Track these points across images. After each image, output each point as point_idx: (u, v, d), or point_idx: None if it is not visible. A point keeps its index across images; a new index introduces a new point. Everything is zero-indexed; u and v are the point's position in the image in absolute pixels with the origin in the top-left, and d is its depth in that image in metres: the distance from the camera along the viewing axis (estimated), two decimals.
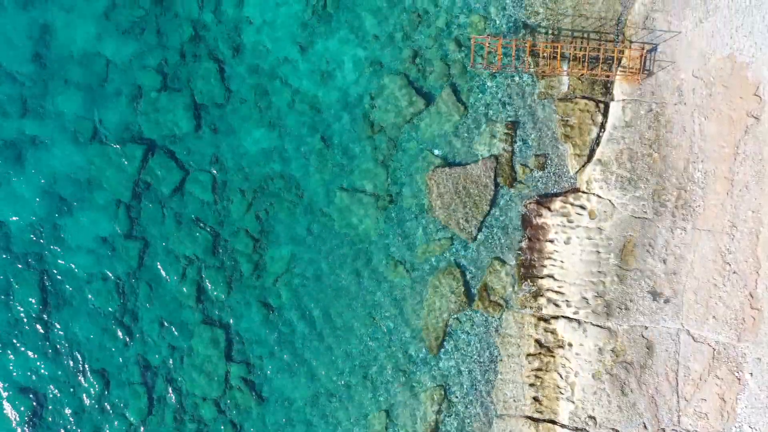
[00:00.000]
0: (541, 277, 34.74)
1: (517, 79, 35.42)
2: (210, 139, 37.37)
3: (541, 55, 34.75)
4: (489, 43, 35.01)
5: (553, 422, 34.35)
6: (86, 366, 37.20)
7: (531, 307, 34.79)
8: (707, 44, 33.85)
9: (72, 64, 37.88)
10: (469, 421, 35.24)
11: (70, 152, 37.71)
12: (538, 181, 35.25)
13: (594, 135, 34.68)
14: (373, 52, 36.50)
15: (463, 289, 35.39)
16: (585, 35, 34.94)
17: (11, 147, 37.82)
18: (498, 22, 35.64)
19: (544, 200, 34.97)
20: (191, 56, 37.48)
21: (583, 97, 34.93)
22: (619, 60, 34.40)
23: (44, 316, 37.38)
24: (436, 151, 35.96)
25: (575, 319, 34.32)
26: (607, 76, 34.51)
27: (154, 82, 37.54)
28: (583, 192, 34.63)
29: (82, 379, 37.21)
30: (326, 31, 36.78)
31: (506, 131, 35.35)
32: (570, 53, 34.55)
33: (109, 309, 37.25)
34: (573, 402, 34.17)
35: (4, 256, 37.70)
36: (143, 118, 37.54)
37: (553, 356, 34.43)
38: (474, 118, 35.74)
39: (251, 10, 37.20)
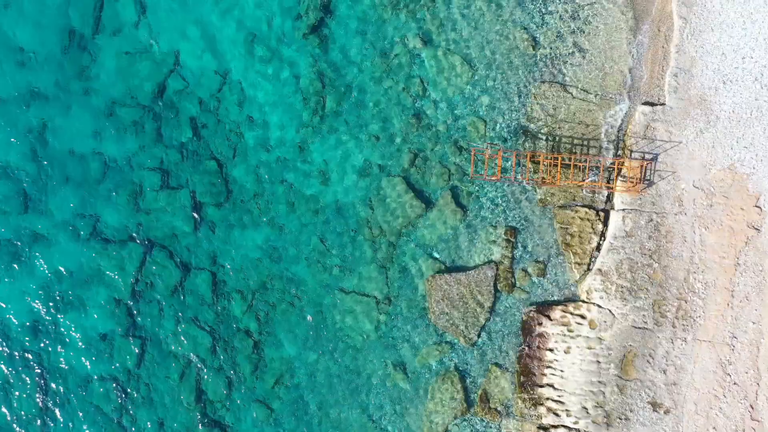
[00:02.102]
0: (541, 386, 34.62)
1: (517, 185, 35.34)
2: (209, 239, 37.34)
3: (541, 165, 34.64)
4: (489, 154, 34.92)
5: None
6: None
7: (531, 416, 34.66)
8: (708, 155, 33.75)
9: (72, 162, 37.93)
10: None
11: (69, 250, 37.73)
12: (538, 287, 35.14)
13: (594, 244, 34.58)
14: (373, 153, 36.45)
15: (462, 395, 35.29)
16: (585, 142, 34.85)
17: (11, 244, 37.81)
18: (498, 126, 35.56)
19: (544, 309, 34.86)
20: (191, 155, 37.47)
21: (584, 206, 34.83)
22: (620, 170, 34.31)
23: (44, 415, 37.31)
24: (436, 255, 35.88)
25: (575, 429, 34.20)
26: (608, 188, 34.41)
27: (153, 181, 37.55)
28: (584, 301, 34.51)
29: None
30: (326, 132, 36.74)
31: (506, 237, 35.26)
32: (570, 164, 34.43)
33: (108, 409, 37.17)
34: None
35: (4, 352, 37.69)
36: (143, 216, 37.52)
37: None
38: (474, 222, 35.66)
39: (252, 110, 37.17)
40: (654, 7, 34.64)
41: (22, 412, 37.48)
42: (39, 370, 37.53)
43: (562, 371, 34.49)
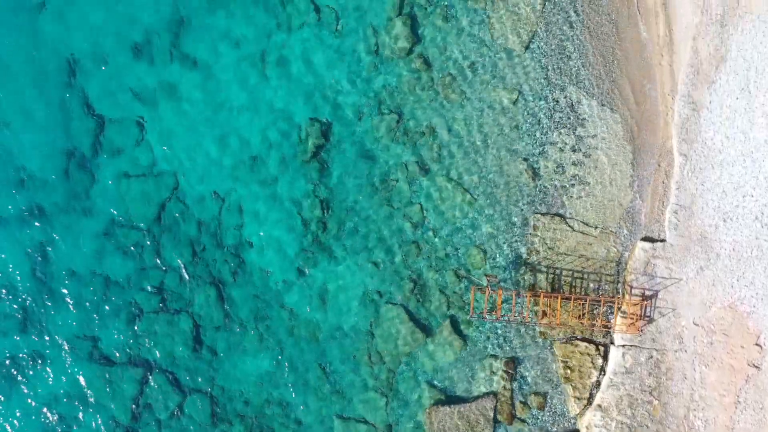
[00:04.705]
0: None
1: (518, 315, 35.32)
2: (209, 362, 37.28)
3: (541, 303, 34.59)
4: (489, 293, 34.90)
5: None
6: None
7: None
8: (708, 293, 33.70)
9: (71, 282, 37.88)
10: None
11: (68, 371, 37.63)
12: (538, 420, 35.06)
13: (594, 379, 34.51)
14: (372, 280, 36.42)
15: None
16: (585, 276, 34.81)
17: (8, 364, 37.74)
18: (498, 257, 35.53)
19: None
20: (191, 278, 37.44)
21: (584, 340, 34.79)
22: (619, 307, 34.26)
23: None
24: (436, 383, 35.81)
25: None
26: (607, 327, 34.37)
27: (152, 303, 37.52)
28: None
29: None
30: (326, 257, 36.72)
31: (506, 368, 35.20)
32: (571, 298, 34.39)
33: None
34: None
35: None
36: (142, 338, 37.48)
37: None
38: (474, 352, 35.60)
39: (251, 233, 37.16)
40: (655, 142, 34.63)
41: None
42: None
43: None
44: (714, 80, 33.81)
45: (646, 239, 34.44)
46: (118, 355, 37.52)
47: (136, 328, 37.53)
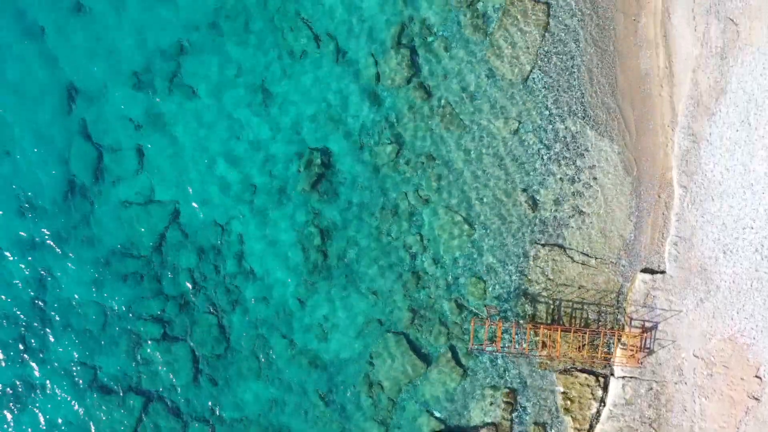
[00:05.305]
0: None
1: (518, 347, 35.35)
2: (209, 391, 37.28)
3: (541, 334, 34.59)
4: (488, 325, 34.91)
5: None
6: None
7: None
8: (708, 324, 33.70)
9: (71, 310, 37.87)
10: None
11: (67, 399, 37.62)
12: None
13: (594, 410, 34.53)
14: (373, 309, 36.43)
15: None
16: (585, 307, 34.82)
17: (7, 392, 37.73)
18: (497, 287, 35.54)
19: None
20: (190, 306, 37.45)
21: (583, 371, 34.80)
22: (619, 339, 34.27)
23: None
24: (436, 413, 35.83)
25: None
26: (608, 359, 34.38)
27: (152, 332, 37.51)
28: None
29: None
30: (326, 286, 36.72)
31: (506, 399, 35.20)
32: (571, 330, 34.39)
33: None
34: None
35: None
36: (142, 367, 37.48)
37: None
38: (473, 382, 35.61)
39: (251, 262, 37.16)
40: (654, 174, 34.63)
41: None
42: None
43: None
44: (714, 112, 33.81)
45: (645, 271, 34.45)
46: (118, 383, 37.51)
47: (136, 356, 37.52)
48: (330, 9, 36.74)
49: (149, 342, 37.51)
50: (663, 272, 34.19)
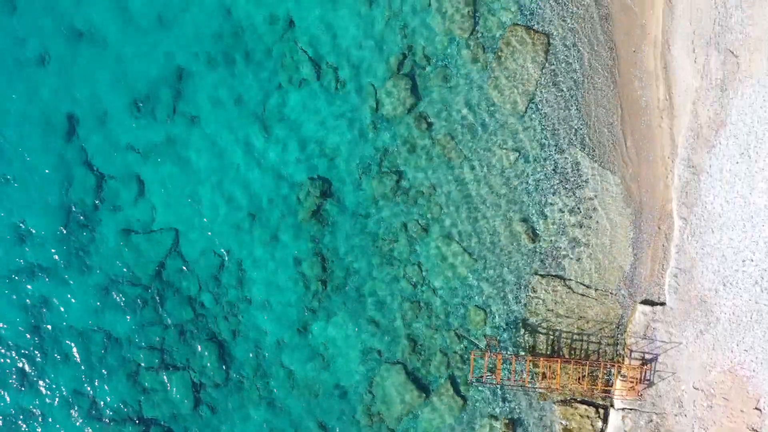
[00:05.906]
0: None
1: (518, 378, 35.33)
2: (208, 419, 37.27)
3: (541, 366, 34.56)
4: (488, 358, 34.89)
5: None
6: None
7: None
8: (708, 356, 33.67)
9: (70, 338, 37.88)
10: None
11: (67, 428, 37.60)
12: None
13: None
14: (372, 339, 36.43)
15: None
16: (585, 338, 34.80)
17: (8, 421, 37.73)
18: (497, 318, 35.52)
19: None
20: (190, 335, 37.44)
21: (583, 402, 34.77)
22: (619, 371, 34.25)
23: None
24: None
25: None
26: (607, 391, 34.35)
27: (152, 360, 37.52)
28: None
29: None
30: (326, 316, 36.72)
31: (505, 429, 35.16)
32: (570, 362, 34.38)
33: None
34: None
35: None
36: (142, 395, 37.46)
37: None
38: (473, 412, 35.59)
39: (251, 291, 37.16)
40: (655, 205, 34.61)
41: None
42: None
43: None
44: (714, 144, 33.81)
45: (645, 302, 34.42)
46: (116, 412, 37.49)
47: (137, 384, 37.51)
48: (330, 38, 36.75)
49: (149, 370, 37.50)
50: (663, 304, 34.18)
